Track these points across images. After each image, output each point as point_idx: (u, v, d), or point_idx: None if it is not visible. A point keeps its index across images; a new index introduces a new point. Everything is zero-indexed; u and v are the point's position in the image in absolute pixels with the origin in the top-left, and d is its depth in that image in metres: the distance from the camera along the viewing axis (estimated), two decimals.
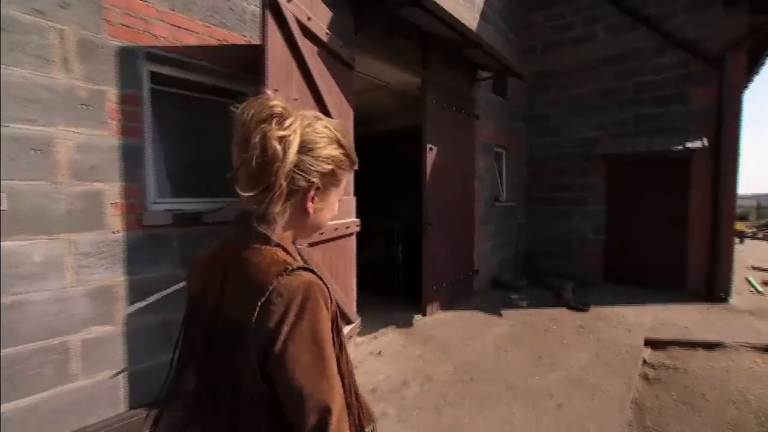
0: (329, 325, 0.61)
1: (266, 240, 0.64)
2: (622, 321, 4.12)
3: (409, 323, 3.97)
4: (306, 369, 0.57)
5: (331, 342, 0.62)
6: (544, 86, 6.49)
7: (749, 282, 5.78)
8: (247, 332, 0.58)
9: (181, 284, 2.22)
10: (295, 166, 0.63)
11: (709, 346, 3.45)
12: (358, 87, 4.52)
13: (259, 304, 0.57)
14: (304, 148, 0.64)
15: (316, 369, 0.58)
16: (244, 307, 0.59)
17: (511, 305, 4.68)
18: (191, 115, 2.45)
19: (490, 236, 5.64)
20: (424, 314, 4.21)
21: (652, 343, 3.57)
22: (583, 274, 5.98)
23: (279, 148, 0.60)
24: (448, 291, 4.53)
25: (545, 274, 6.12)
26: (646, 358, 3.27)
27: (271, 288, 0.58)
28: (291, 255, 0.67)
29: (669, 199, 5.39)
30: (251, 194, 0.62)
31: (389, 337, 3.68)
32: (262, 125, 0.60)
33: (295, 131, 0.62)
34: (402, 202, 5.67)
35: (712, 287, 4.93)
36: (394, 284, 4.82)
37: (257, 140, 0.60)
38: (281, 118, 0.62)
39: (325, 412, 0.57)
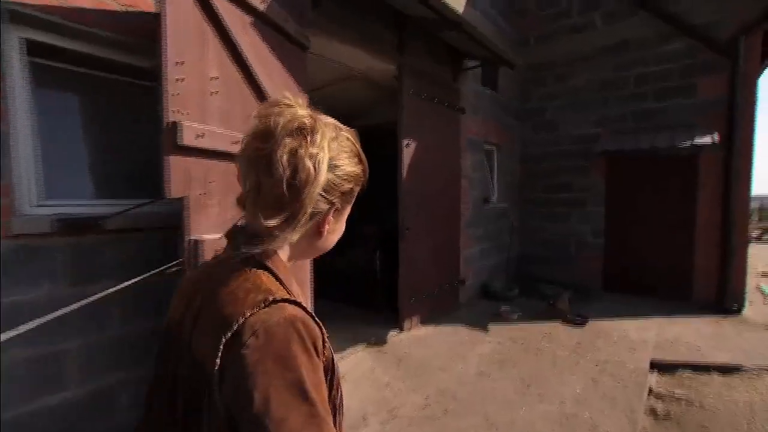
0: (321, 375, 0.50)
1: (254, 262, 0.55)
2: (623, 337, 3.65)
3: (382, 341, 3.51)
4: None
5: (326, 399, 0.49)
6: (539, 79, 6.04)
7: (762, 291, 5.30)
8: (211, 380, 0.47)
9: (71, 308, 1.76)
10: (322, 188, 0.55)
11: (726, 370, 2.98)
12: (326, 77, 4.08)
13: (224, 341, 0.46)
14: (331, 167, 0.56)
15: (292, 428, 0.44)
16: (209, 344, 0.48)
17: (501, 318, 4.21)
18: (89, 98, 2.00)
19: (479, 240, 5.17)
20: (401, 329, 3.75)
21: (659, 366, 3.10)
22: (581, 281, 5.51)
23: (312, 169, 0.52)
24: (429, 303, 4.07)
25: (540, 281, 5.65)
26: (653, 387, 2.80)
27: (241, 321, 0.47)
28: (282, 283, 0.55)
29: (674, 200, 4.93)
30: (275, 224, 0.52)
31: (357, 357, 3.22)
32: (291, 140, 0.52)
33: (323, 148, 0.54)
34: (382, 205, 5.23)
35: (723, 297, 4.46)
36: (371, 295, 4.36)
37: (286, 159, 0.51)
38: (312, 132, 0.54)
39: None
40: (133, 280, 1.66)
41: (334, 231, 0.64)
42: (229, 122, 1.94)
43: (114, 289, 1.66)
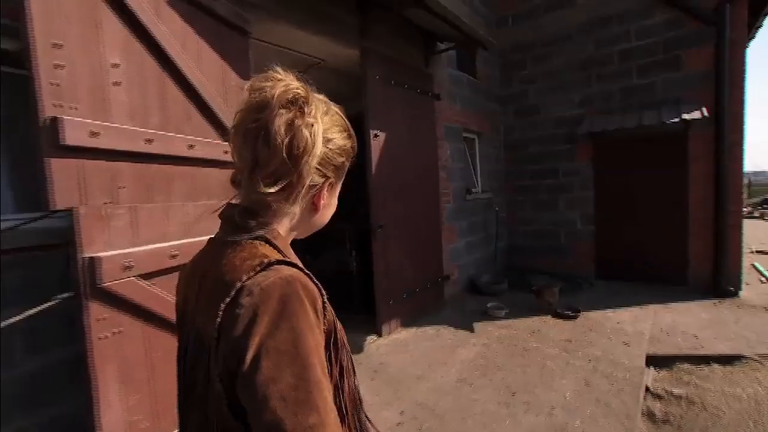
0: (320, 337, 0.48)
1: (251, 234, 0.54)
2: (617, 329, 3.42)
3: (358, 349, 3.24)
4: (285, 396, 0.41)
5: (324, 361, 0.47)
6: (519, 61, 5.76)
7: (757, 269, 5.12)
8: (210, 345, 0.47)
9: None
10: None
11: (727, 360, 2.76)
12: (284, 66, 3.75)
13: (222, 306, 0.46)
14: (325, 140, 0.57)
15: (299, 396, 0.42)
16: (208, 312, 0.48)
17: (487, 316, 3.97)
18: None
19: (463, 233, 4.92)
20: (380, 334, 3.49)
21: (656, 361, 2.87)
22: (573, 270, 5.29)
23: (310, 139, 0.53)
24: (410, 303, 3.81)
25: (531, 273, 5.43)
26: (650, 386, 2.57)
27: (238, 285, 0.46)
28: (280, 251, 0.54)
29: (665, 180, 4.70)
30: (273, 191, 0.53)
31: None
32: (286, 111, 0.52)
33: (317, 119, 0.55)
34: (356, 202, 4.95)
35: (719, 279, 4.25)
36: (348, 298, 4.10)
37: (284, 129, 0.51)
38: (306, 103, 0.54)
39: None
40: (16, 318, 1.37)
41: (329, 205, 0.64)
42: (145, 118, 1.64)
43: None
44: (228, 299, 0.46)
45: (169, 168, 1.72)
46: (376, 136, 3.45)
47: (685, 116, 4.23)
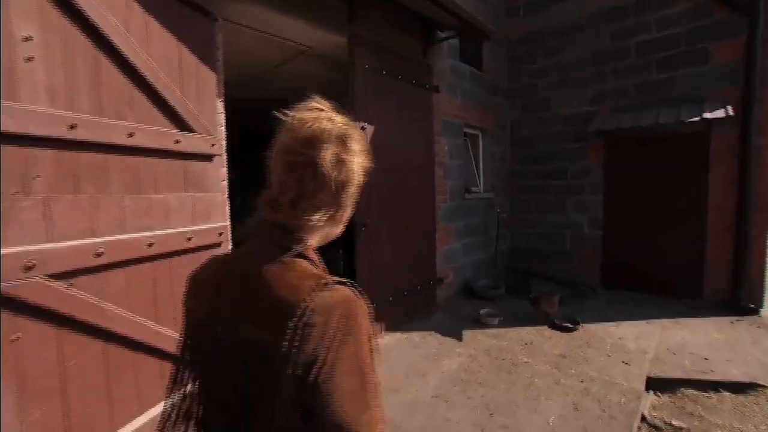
0: (373, 345, 0.56)
1: (292, 252, 0.59)
2: (618, 345, 3.14)
3: None
4: (351, 399, 0.50)
5: (374, 365, 0.56)
6: (528, 53, 5.43)
7: None
8: (278, 357, 0.50)
9: None
10: None
11: (739, 387, 2.46)
12: (271, 53, 3.57)
13: (293, 324, 0.50)
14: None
15: (362, 399, 0.52)
16: (273, 327, 0.52)
17: (479, 324, 3.73)
18: None
19: (460, 235, 4.67)
20: None
21: (658, 384, 2.59)
22: (577, 278, 4.98)
23: (353, 173, 0.60)
24: (397, 306, 3.61)
25: (533, 277, 5.14)
26: (647, 414, 2.30)
27: (305, 306, 0.51)
28: (317, 266, 0.62)
29: (682, 184, 4.33)
30: (317, 219, 0.59)
31: None
32: (335, 147, 0.57)
33: (358, 153, 0.61)
34: None
35: (738, 295, 3.89)
36: None
37: (332, 165, 0.57)
38: (351, 139, 0.59)
39: None
40: None
41: (347, 217, 0.70)
42: (71, 101, 1.48)
43: None
44: (296, 318, 0.50)
45: (103, 157, 1.56)
46: (363, 128, 3.24)
47: (708, 115, 3.86)
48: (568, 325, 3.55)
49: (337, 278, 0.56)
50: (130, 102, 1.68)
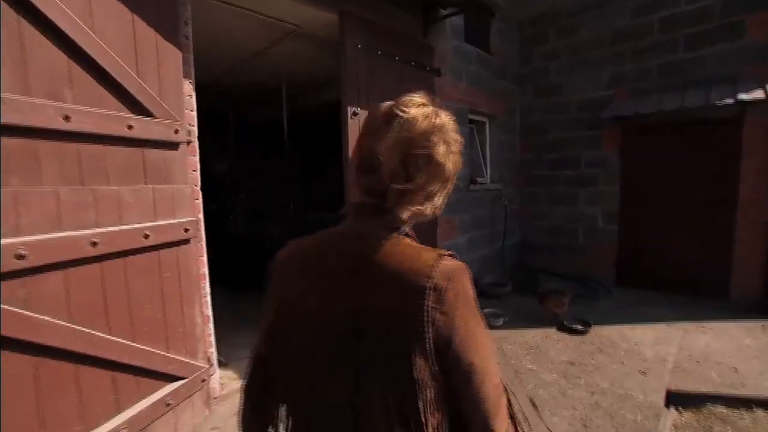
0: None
1: (401, 231, 0.64)
2: (634, 351, 2.86)
3: None
4: (485, 352, 0.58)
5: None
6: (540, 35, 5.05)
7: None
8: (418, 324, 0.54)
9: None
10: None
11: None
12: (255, 34, 3.32)
13: (429, 291, 0.55)
14: None
15: (489, 351, 0.59)
16: (405, 296, 0.56)
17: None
18: None
19: (465, 228, 4.40)
20: None
21: (680, 399, 2.32)
22: (589, 274, 4.67)
23: (455, 164, 0.64)
24: None
25: (543, 273, 4.85)
26: None
27: (436, 273, 0.56)
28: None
29: (709, 175, 3.96)
30: (425, 208, 0.63)
31: None
32: (442, 143, 0.60)
33: (458, 141, 0.64)
34: (342, 191, 4.53)
35: None
36: None
37: (444, 157, 0.60)
38: (452, 131, 0.63)
39: (503, 389, 0.60)
40: None
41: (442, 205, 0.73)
42: None
43: None
44: (430, 285, 0.55)
45: (30, 143, 1.36)
46: (355, 114, 2.99)
47: (743, 96, 3.46)
48: (578, 327, 3.27)
49: (452, 253, 0.61)
50: (69, 80, 1.46)
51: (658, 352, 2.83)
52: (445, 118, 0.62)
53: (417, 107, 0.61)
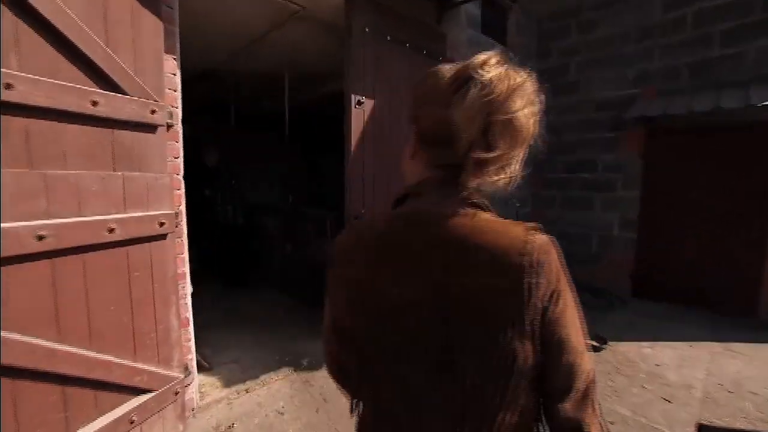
0: None
1: (483, 206, 0.60)
2: (655, 375, 2.60)
3: (315, 365, 2.66)
4: (577, 326, 0.56)
5: None
6: (561, 29, 4.75)
7: None
8: (516, 302, 0.52)
9: None
10: None
11: None
12: (256, 15, 3.08)
13: (525, 268, 0.52)
14: None
15: (582, 327, 0.57)
16: (503, 276, 0.52)
17: None
18: None
19: None
20: None
21: None
22: (604, 284, 4.39)
23: (534, 127, 0.59)
24: None
25: None
26: None
27: (530, 247, 0.53)
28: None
29: (740, 183, 3.65)
30: (504, 177, 0.59)
31: (271, 390, 2.38)
32: (527, 102, 0.56)
33: (535, 103, 0.59)
34: (335, 186, 4.31)
35: None
36: (320, 292, 3.51)
37: (525, 122, 0.56)
38: (532, 92, 0.58)
39: (591, 365, 0.57)
40: None
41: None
42: None
43: None
44: (527, 259, 0.52)
45: None
46: (359, 103, 2.75)
47: None
48: (594, 343, 3.02)
49: (538, 226, 0.58)
50: (14, 42, 1.24)
51: (683, 377, 2.57)
52: (524, 76, 0.56)
53: (494, 67, 0.55)
